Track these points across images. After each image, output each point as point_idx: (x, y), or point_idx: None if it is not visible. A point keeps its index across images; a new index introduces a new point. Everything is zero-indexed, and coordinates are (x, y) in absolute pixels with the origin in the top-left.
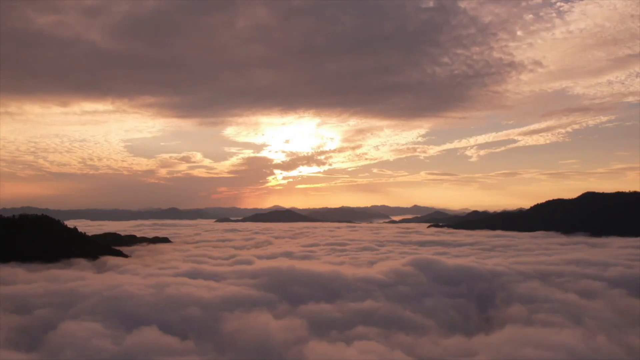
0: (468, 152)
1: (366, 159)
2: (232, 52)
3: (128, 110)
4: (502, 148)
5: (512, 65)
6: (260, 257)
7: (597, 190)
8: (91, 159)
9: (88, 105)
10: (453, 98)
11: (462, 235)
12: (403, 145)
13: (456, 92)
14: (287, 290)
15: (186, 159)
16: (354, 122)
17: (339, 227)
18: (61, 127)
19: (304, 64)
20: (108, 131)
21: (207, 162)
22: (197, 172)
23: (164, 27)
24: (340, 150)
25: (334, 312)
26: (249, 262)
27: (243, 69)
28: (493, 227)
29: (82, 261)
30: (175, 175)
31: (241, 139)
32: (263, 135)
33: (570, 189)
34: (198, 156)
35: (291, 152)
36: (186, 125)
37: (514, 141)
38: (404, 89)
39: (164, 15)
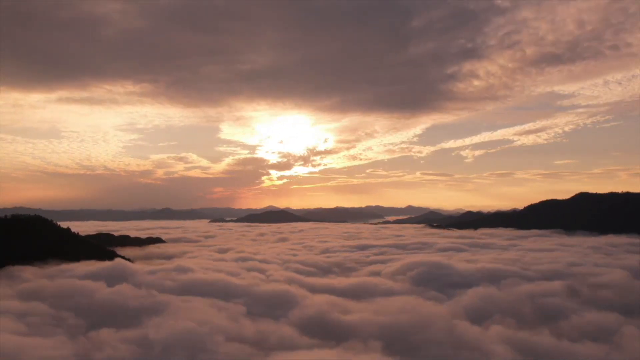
0: (463, 153)
1: (361, 159)
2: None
3: (123, 111)
4: (497, 148)
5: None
6: None
7: (590, 191)
8: (88, 160)
9: (87, 106)
10: (449, 98)
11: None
12: (398, 145)
13: (452, 92)
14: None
15: (181, 160)
16: (348, 122)
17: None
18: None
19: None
20: (105, 131)
21: (202, 162)
22: (192, 173)
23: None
24: (334, 150)
25: None
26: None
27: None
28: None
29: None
30: (170, 175)
31: (236, 139)
32: (258, 135)
33: (564, 189)
34: (193, 157)
35: (286, 153)
36: (181, 125)
37: (509, 141)
38: (400, 88)
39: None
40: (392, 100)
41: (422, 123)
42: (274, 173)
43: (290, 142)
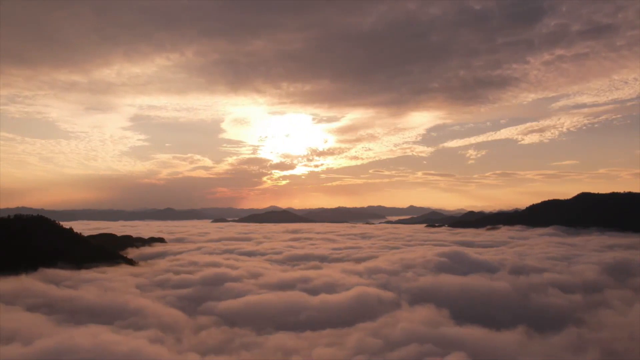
0: (465, 153)
1: (363, 159)
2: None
3: (128, 112)
4: (500, 148)
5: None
6: None
7: (592, 191)
8: (94, 160)
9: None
10: (452, 98)
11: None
12: (400, 145)
13: (455, 93)
14: None
15: (183, 160)
16: (351, 122)
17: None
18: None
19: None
20: (111, 132)
21: (204, 162)
22: (194, 173)
23: None
24: (336, 150)
25: None
26: None
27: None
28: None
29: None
30: (173, 176)
31: (238, 139)
32: (260, 135)
33: (566, 189)
34: (197, 157)
35: (288, 153)
36: (184, 125)
37: (512, 141)
38: (403, 89)
39: None
40: (393, 99)
41: (425, 124)
42: (276, 173)
43: (293, 142)
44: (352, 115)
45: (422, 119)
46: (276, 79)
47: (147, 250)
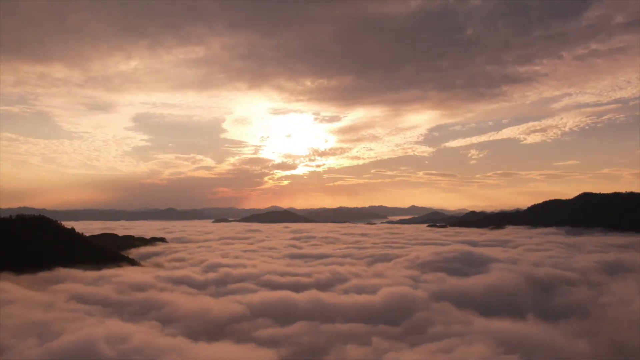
0: (467, 152)
1: (364, 159)
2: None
3: (131, 112)
4: (502, 148)
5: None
6: None
7: (594, 191)
8: (96, 160)
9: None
10: (455, 98)
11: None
12: (401, 145)
13: (458, 92)
14: None
15: (186, 160)
16: (352, 123)
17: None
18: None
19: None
20: (114, 132)
21: (206, 162)
22: (196, 173)
23: None
24: (338, 150)
25: None
26: None
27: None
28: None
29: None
30: (175, 176)
31: (240, 139)
32: (261, 135)
33: (568, 189)
34: (198, 157)
35: (290, 153)
36: (187, 125)
37: (514, 141)
38: (404, 89)
39: None
40: (396, 99)
41: (426, 123)
42: (278, 173)
43: (294, 142)
44: (356, 116)
45: (423, 117)
46: (300, 74)
47: (148, 249)
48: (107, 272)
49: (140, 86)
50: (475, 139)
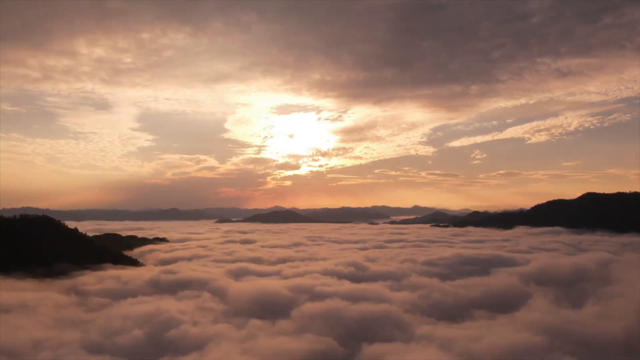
0: (470, 152)
1: (367, 159)
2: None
3: (136, 112)
4: (506, 148)
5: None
6: None
7: (598, 191)
8: (95, 160)
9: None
10: (457, 97)
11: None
12: (404, 145)
13: (461, 91)
14: None
15: (190, 160)
16: (355, 122)
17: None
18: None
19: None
20: (119, 133)
21: (209, 162)
22: (199, 173)
23: None
24: (341, 150)
25: None
26: None
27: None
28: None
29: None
30: (178, 176)
31: (243, 139)
32: (264, 135)
33: (571, 189)
34: (201, 157)
35: (292, 153)
36: (191, 125)
37: (518, 140)
38: (406, 90)
39: None
40: (400, 100)
41: (429, 123)
42: (281, 173)
43: (297, 142)
44: (359, 116)
45: (424, 117)
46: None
47: (151, 249)
48: (110, 272)
49: (146, 85)
50: (479, 139)
